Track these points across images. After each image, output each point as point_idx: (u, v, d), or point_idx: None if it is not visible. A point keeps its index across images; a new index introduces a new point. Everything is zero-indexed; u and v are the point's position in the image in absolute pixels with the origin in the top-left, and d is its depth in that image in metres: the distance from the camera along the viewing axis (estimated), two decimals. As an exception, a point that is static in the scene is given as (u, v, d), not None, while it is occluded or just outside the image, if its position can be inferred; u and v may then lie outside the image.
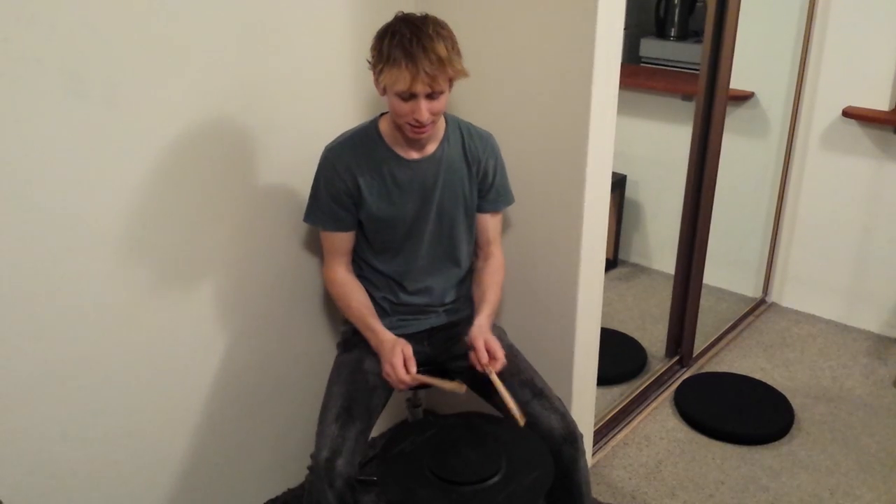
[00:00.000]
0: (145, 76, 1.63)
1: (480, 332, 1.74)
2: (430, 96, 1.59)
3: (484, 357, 1.70)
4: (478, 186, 1.84)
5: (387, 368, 1.68)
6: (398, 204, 1.77)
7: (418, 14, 1.60)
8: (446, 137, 1.78)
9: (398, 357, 1.66)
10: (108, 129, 1.60)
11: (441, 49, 1.54)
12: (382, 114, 1.78)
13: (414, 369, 1.68)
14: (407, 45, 1.53)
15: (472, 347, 1.73)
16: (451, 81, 1.62)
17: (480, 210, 1.88)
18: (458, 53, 1.62)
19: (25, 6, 1.42)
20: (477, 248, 1.94)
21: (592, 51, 1.79)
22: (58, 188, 1.56)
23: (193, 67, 1.71)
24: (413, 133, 1.66)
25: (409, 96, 1.58)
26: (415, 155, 1.76)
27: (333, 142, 1.79)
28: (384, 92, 1.63)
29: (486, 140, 1.84)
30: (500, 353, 1.71)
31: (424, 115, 1.59)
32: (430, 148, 1.76)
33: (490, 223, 1.90)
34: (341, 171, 1.74)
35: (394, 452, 1.63)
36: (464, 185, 1.81)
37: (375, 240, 1.82)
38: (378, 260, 1.85)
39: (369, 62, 1.64)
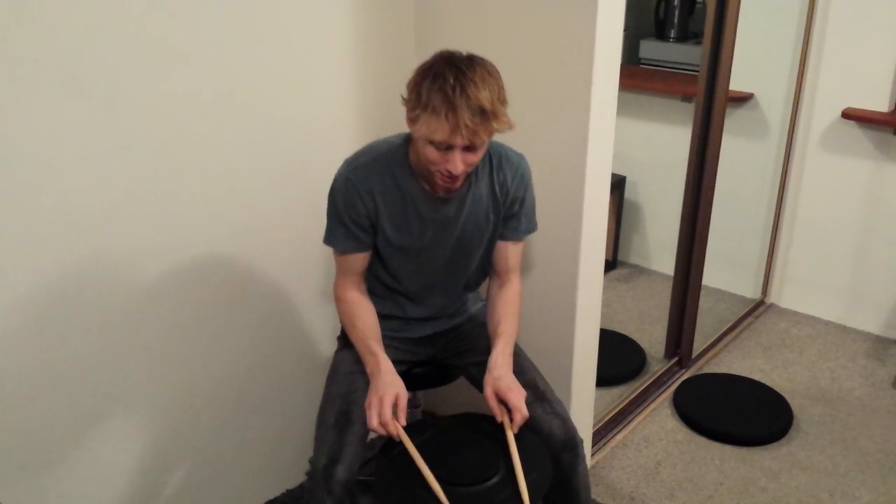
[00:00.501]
0: (145, 78, 1.63)
1: (491, 380, 1.60)
2: (468, 148, 1.46)
3: (499, 415, 1.59)
4: (504, 214, 1.73)
5: (373, 400, 1.54)
6: (417, 235, 1.69)
7: (464, 54, 1.47)
8: (475, 171, 1.64)
9: (390, 396, 1.54)
10: (107, 130, 1.60)
11: (486, 99, 1.40)
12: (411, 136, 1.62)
13: (403, 421, 1.55)
14: (449, 93, 1.38)
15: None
16: (492, 134, 1.48)
17: (503, 238, 1.76)
18: (504, 102, 1.47)
19: (24, 7, 1.42)
20: (494, 273, 1.82)
21: (592, 52, 1.79)
22: (58, 189, 1.56)
23: (193, 69, 1.71)
24: (443, 181, 1.53)
25: (445, 147, 1.45)
26: (442, 193, 1.65)
27: (356, 159, 1.64)
28: (413, 122, 1.49)
29: (516, 168, 1.70)
30: (516, 402, 1.56)
31: (458, 168, 1.47)
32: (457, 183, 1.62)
33: (511, 251, 1.78)
34: (363, 194, 1.62)
35: (392, 454, 1.63)
36: (488, 218, 1.72)
37: (388, 261, 1.75)
38: (389, 279, 1.79)
39: (403, 99, 1.50)
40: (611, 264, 3.83)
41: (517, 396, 1.58)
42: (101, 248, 1.66)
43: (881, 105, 2.93)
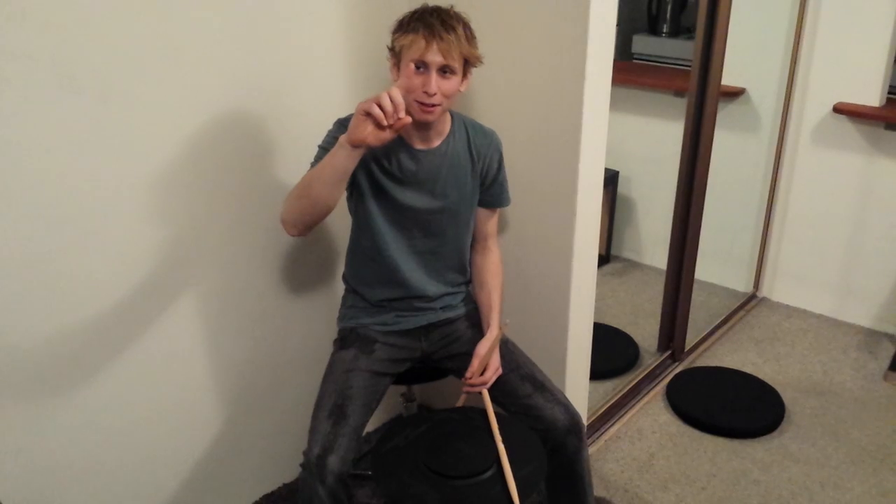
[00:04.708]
0: (139, 72, 1.63)
1: (486, 345, 1.81)
2: (443, 72, 1.60)
3: (472, 370, 1.79)
4: (480, 182, 1.84)
5: (363, 106, 1.50)
6: (400, 192, 1.76)
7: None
8: (452, 133, 1.78)
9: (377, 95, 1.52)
10: (101, 126, 1.60)
11: (458, 28, 1.61)
12: None
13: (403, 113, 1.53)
14: (427, 18, 1.60)
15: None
16: (465, 63, 1.64)
17: (484, 205, 1.88)
18: (475, 42, 1.66)
19: (16, 2, 1.42)
20: (474, 241, 1.93)
21: (585, 47, 1.80)
22: (51, 185, 1.56)
23: (188, 62, 1.71)
24: (421, 111, 1.63)
25: (423, 67, 1.59)
26: (421, 146, 1.74)
27: (347, 117, 1.69)
28: (397, 67, 1.64)
29: (490, 137, 1.84)
30: (489, 375, 1.80)
31: (433, 87, 1.59)
32: (436, 142, 1.76)
33: (490, 217, 1.92)
34: None
35: (388, 447, 1.64)
36: (467, 180, 1.81)
37: (377, 230, 1.79)
38: (379, 254, 1.82)
39: (388, 48, 1.66)
40: (604, 259, 3.84)
41: (494, 370, 1.81)
42: (95, 245, 1.66)
43: (872, 99, 2.95)
